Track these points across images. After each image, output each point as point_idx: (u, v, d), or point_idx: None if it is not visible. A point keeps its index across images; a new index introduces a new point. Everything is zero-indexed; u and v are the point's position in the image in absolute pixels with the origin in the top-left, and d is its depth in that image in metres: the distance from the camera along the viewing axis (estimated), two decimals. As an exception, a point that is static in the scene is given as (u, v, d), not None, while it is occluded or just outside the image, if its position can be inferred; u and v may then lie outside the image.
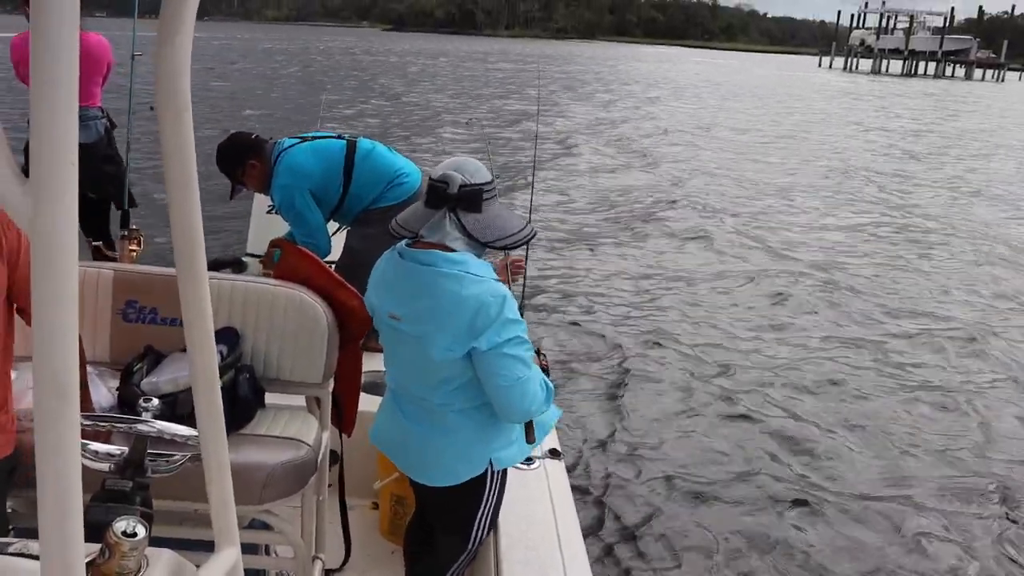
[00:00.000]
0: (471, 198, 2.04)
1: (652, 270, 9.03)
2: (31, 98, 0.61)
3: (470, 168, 2.08)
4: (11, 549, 1.13)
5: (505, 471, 2.26)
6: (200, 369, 1.06)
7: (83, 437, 1.65)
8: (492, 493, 2.21)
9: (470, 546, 2.28)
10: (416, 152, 14.66)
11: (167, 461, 1.60)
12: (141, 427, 1.57)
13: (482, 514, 2.23)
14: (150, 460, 1.58)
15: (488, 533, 2.29)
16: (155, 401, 1.65)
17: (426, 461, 2.21)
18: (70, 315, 0.68)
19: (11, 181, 0.63)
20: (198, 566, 1.17)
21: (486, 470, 2.17)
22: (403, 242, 2.14)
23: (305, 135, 3.71)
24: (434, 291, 2.01)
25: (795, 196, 13.70)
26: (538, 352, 2.54)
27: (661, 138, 19.93)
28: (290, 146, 3.58)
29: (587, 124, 21.66)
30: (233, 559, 1.15)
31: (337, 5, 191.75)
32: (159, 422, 1.58)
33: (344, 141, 3.65)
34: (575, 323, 7.24)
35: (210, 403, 1.07)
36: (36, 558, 1.16)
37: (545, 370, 2.52)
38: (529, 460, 2.67)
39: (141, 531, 1.20)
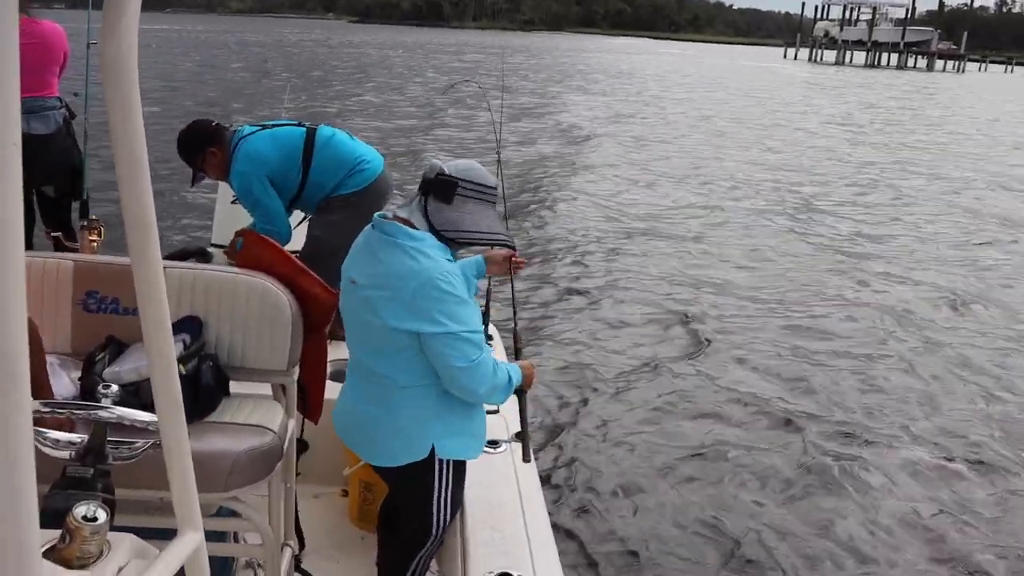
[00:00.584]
0: (443, 187, 2.15)
1: (636, 257, 9.10)
2: None
3: (462, 165, 2.20)
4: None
5: (461, 464, 2.29)
6: (156, 351, 1.06)
7: (43, 425, 1.63)
8: (444, 483, 2.25)
9: (433, 532, 2.31)
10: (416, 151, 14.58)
11: (129, 448, 1.59)
12: (100, 413, 1.56)
13: (438, 502, 2.26)
14: (111, 447, 1.57)
15: (450, 521, 2.32)
16: (114, 387, 1.64)
17: (371, 439, 2.27)
18: (18, 298, 0.67)
19: None
20: None
21: (431, 457, 2.21)
22: (378, 214, 2.25)
23: (265, 123, 3.70)
24: (388, 260, 2.12)
25: (766, 184, 13.87)
26: (515, 336, 2.59)
27: (646, 128, 20.04)
28: (249, 133, 3.57)
29: (569, 120, 21.67)
30: (196, 542, 1.15)
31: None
32: (118, 408, 1.57)
33: (304, 129, 3.64)
34: (551, 309, 7.28)
35: (168, 386, 1.07)
36: None
37: (518, 352, 2.56)
38: (495, 443, 2.70)
39: (102, 516, 1.20)
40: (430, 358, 2.12)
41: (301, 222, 3.81)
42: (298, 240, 3.68)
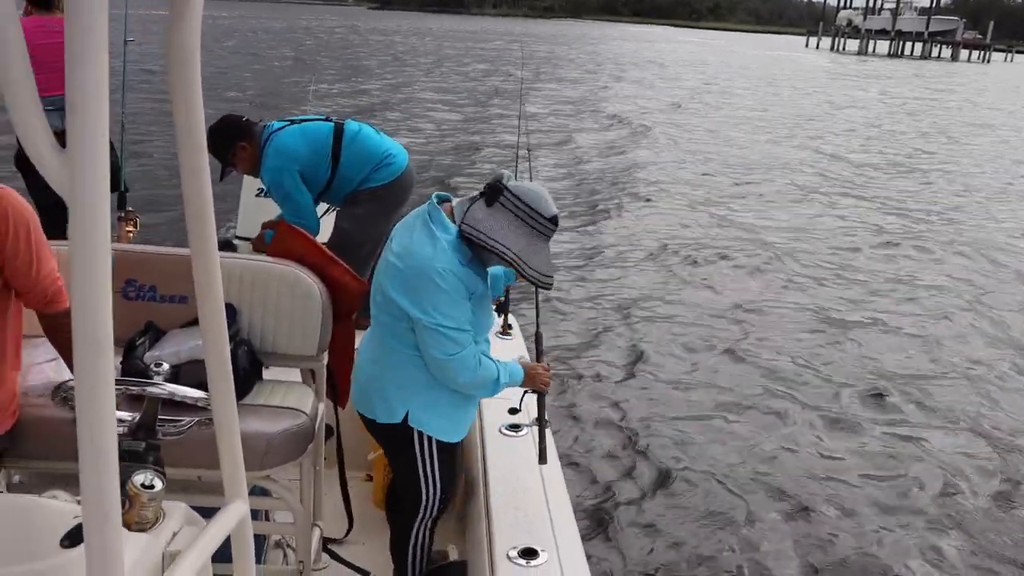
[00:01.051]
0: (492, 191, 2.24)
1: (645, 248, 9.15)
2: (67, 75, 0.64)
3: (526, 185, 2.28)
4: (46, 495, 1.23)
5: (447, 445, 2.40)
6: (212, 338, 1.14)
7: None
8: (425, 456, 2.38)
9: (423, 501, 2.43)
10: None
11: (175, 426, 1.70)
12: (153, 389, 1.66)
13: (424, 475, 2.39)
14: (159, 424, 1.67)
15: (442, 495, 2.45)
16: (165, 366, 1.75)
17: (363, 389, 2.42)
18: (105, 277, 0.75)
19: (50, 152, 0.68)
20: None
21: (406, 425, 2.34)
22: (437, 193, 2.38)
23: (294, 118, 3.79)
24: (416, 236, 2.24)
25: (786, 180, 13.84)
26: (537, 336, 2.67)
27: (670, 116, 20.03)
28: (279, 128, 3.66)
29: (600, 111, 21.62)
30: (242, 513, 1.24)
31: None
32: (170, 384, 1.68)
33: (332, 123, 3.73)
34: (572, 300, 7.37)
35: (221, 365, 1.16)
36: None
37: (540, 354, 2.65)
38: (517, 428, 2.79)
39: (158, 484, 1.31)
40: (417, 339, 2.26)
41: (325, 213, 3.91)
42: (323, 232, 3.77)
